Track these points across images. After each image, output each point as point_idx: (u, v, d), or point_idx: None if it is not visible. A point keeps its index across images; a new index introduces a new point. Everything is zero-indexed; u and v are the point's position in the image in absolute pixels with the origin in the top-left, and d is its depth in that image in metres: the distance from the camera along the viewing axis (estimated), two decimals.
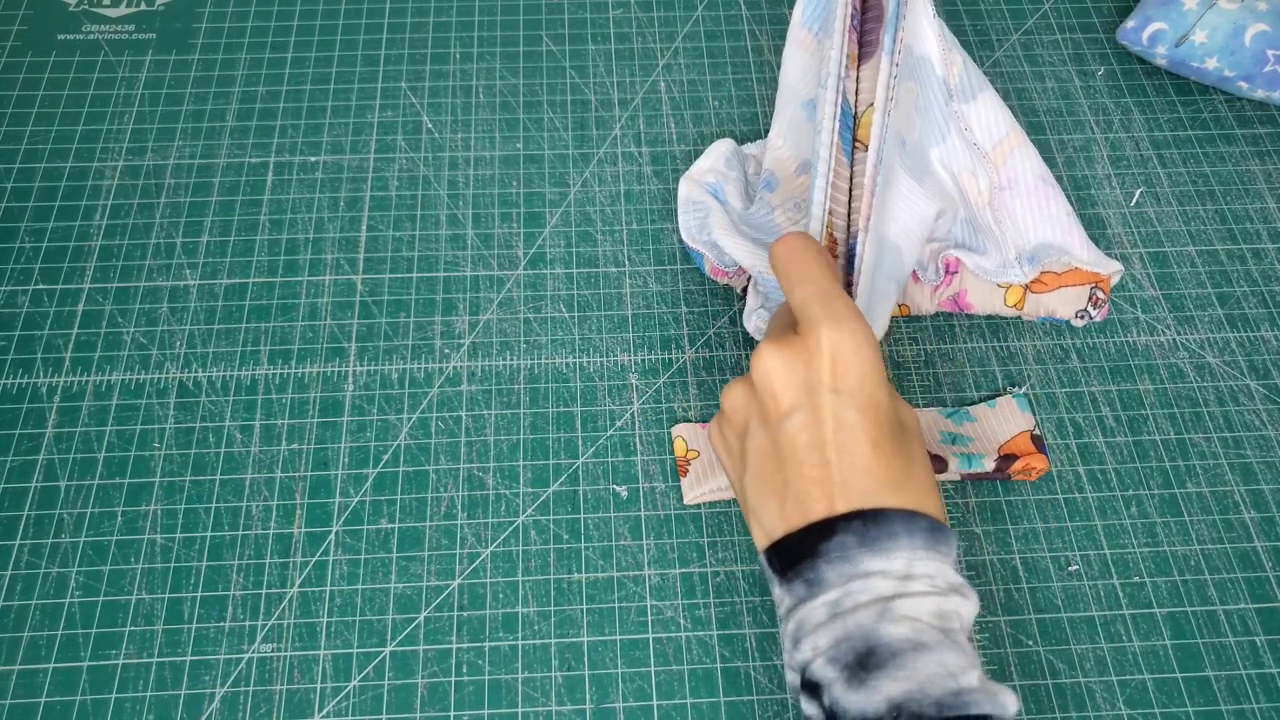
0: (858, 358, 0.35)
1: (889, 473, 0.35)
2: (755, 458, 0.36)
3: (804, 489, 0.35)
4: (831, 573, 0.33)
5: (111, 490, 0.46)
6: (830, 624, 0.33)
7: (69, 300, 0.51)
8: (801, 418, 0.35)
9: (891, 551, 0.33)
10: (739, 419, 0.38)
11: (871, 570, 0.33)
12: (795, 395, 0.35)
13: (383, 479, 0.47)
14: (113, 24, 0.62)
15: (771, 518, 0.36)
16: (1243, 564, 0.45)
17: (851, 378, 0.35)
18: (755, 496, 0.36)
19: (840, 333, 0.35)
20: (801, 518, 0.34)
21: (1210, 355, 0.51)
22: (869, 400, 0.35)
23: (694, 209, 0.52)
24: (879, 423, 0.35)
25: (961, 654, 0.32)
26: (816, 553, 0.34)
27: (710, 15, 0.64)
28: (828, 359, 0.35)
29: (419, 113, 0.59)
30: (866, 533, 0.33)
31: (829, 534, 0.34)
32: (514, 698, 0.42)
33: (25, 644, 0.43)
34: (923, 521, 0.34)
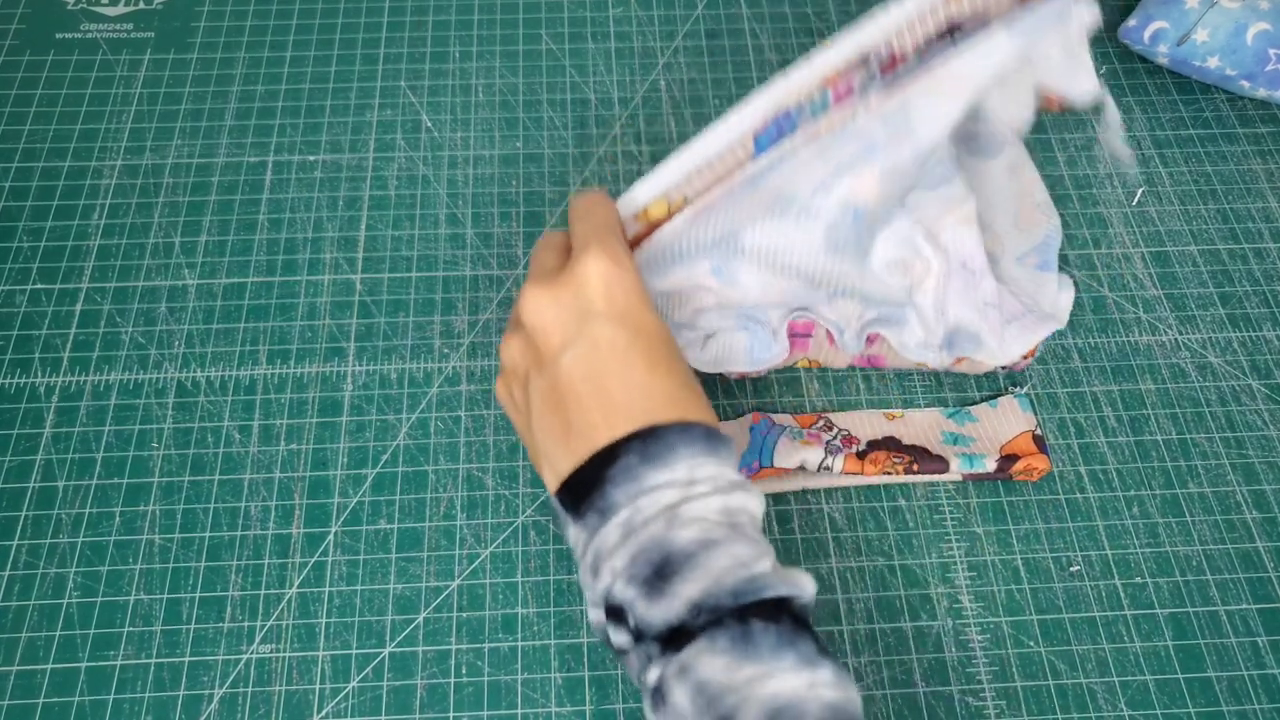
0: (623, 283, 0.37)
1: (665, 389, 0.36)
2: (538, 402, 0.37)
3: (587, 420, 0.35)
4: (620, 495, 0.34)
5: (110, 490, 0.46)
6: (624, 543, 0.34)
7: (67, 300, 0.51)
8: (576, 349, 0.36)
9: (672, 463, 0.34)
10: (520, 369, 0.38)
11: (657, 483, 0.34)
12: (567, 328, 0.36)
13: (382, 479, 0.47)
14: (111, 23, 0.62)
15: (560, 457, 0.36)
16: (1245, 564, 0.45)
17: (620, 300, 0.36)
18: (544, 440, 0.37)
19: (608, 259, 0.36)
20: (587, 447, 0.35)
21: (1212, 355, 0.51)
22: (639, 320, 0.37)
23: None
24: (651, 343, 0.36)
25: (752, 544, 0.34)
26: (604, 479, 0.34)
27: (710, 14, 0.64)
28: (600, 284, 0.36)
29: (418, 112, 0.59)
30: (647, 450, 0.34)
31: (613, 459, 0.34)
32: (513, 699, 0.42)
33: (23, 644, 0.42)
34: (698, 430, 0.35)
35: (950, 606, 0.44)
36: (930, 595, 0.44)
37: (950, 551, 0.45)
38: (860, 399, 0.49)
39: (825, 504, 0.46)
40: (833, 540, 0.45)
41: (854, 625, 0.43)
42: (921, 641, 0.43)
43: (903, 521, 0.46)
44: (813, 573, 0.45)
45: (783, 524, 0.46)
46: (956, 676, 0.42)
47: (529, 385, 0.38)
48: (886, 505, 0.46)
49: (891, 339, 0.47)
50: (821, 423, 0.47)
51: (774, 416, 0.47)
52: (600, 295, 0.36)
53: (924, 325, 0.46)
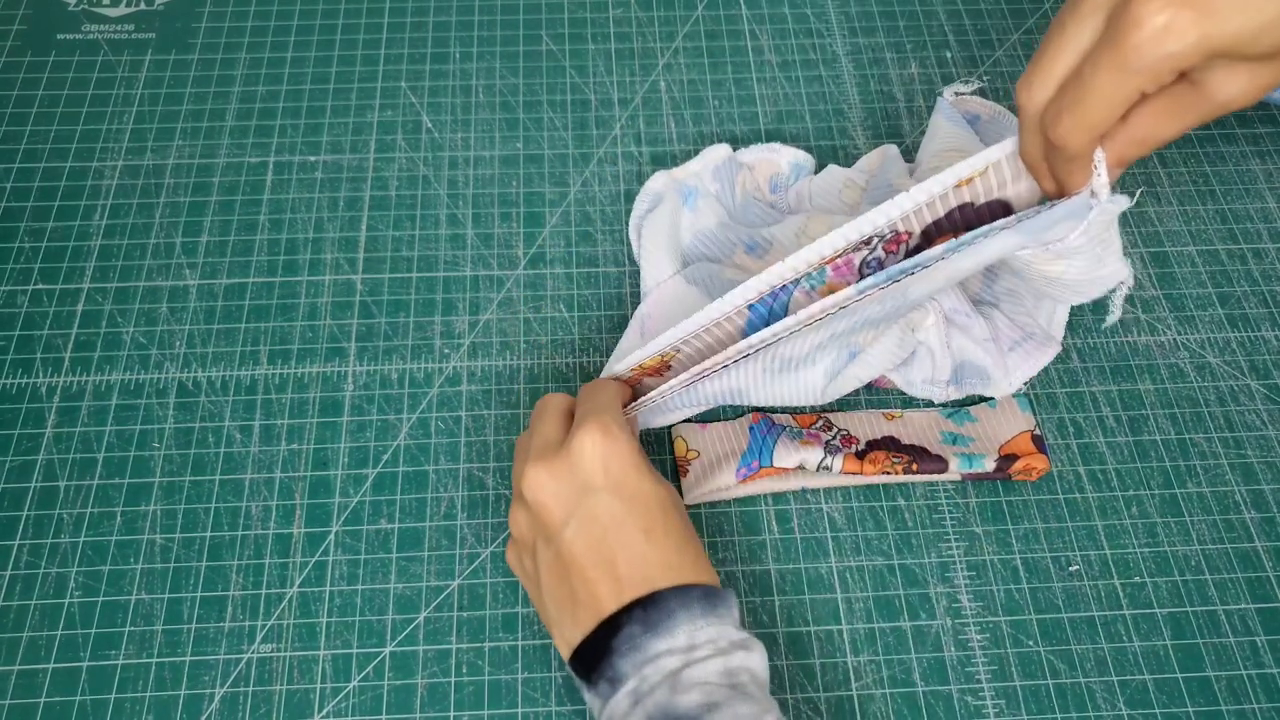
0: (619, 455, 0.38)
1: (662, 555, 0.37)
2: (546, 574, 0.38)
3: (591, 592, 0.37)
4: (626, 665, 0.35)
5: (111, 490, 0.46)
6: (633, 711, 0.34)
7: (68, 300, 0.51)
8: (577, 523, 0.37)
9: (673, 629, 0.35)
10: (527, 541, 0.40)
11: (659, 651, 0.35)
12: (567, 502, 0.38)
13: (382, 479, 0.47)
14: (112, 24, 0.62)
15: (568, 627, 0.37)
16: (1243, 564, 0.45)
17: (615, 471, 0.38)
18: (553, 609, 0.38)
19: (601, 434, 0.38)
20: (593, 619, 0.36)
21: (1211, 355, 0.51)
22: (635, 490, 0.38)
23: (650, 198, 0.53)
24: (647, 510, 0.38)
25: (753, 703, 0.34)
26: (610, 649, 0.36)
27: (710, 15, 0.64)
28: (594, 458, 0.38)
29: (419, 112, 0.59)
30: (648, 618, 0.35)
31: (616, 629, 0.36)
32: (514, 698, 0.42)
33: (25, 644, 0.42)
34: (695, 592, 0.36)
35: (949, 606, 0.44)
36: (929, 595, 0.44)
37: (949, 551, 0.45)
38: (860, 399, 0.49)
39: (825, 504, 0.46)
40: (832, 540, 0.46)
41: (853, 624, 0.44)
42: (921, 641, 0.43)
43: (902, 521, 0.46)
44: (812, 572, 0.45)
45: (783, 524, 0.46)
46: (955, 676, 0.42)
47: (536, 556, 0.39)
48: (886, 505, 0.46)
49: (897, 379, 0.48)
50: (821, 423, 0.48)
51: (773, 416, 0.48)
52: (597, 469, 0.38)
53: (931, 361, 0.47)
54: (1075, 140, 0.34)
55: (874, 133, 0.58)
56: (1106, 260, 0.39)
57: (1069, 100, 0.33)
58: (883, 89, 0.60)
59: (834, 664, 0.43)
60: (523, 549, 0.40)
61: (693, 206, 0.52)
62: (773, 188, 0.54)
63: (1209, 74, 0.32)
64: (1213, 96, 0.32)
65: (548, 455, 0.39)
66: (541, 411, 0.42)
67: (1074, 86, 0.33)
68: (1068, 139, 0.34)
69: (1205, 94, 0.33)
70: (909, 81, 0.61)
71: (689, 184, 0.53)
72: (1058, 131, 0.34)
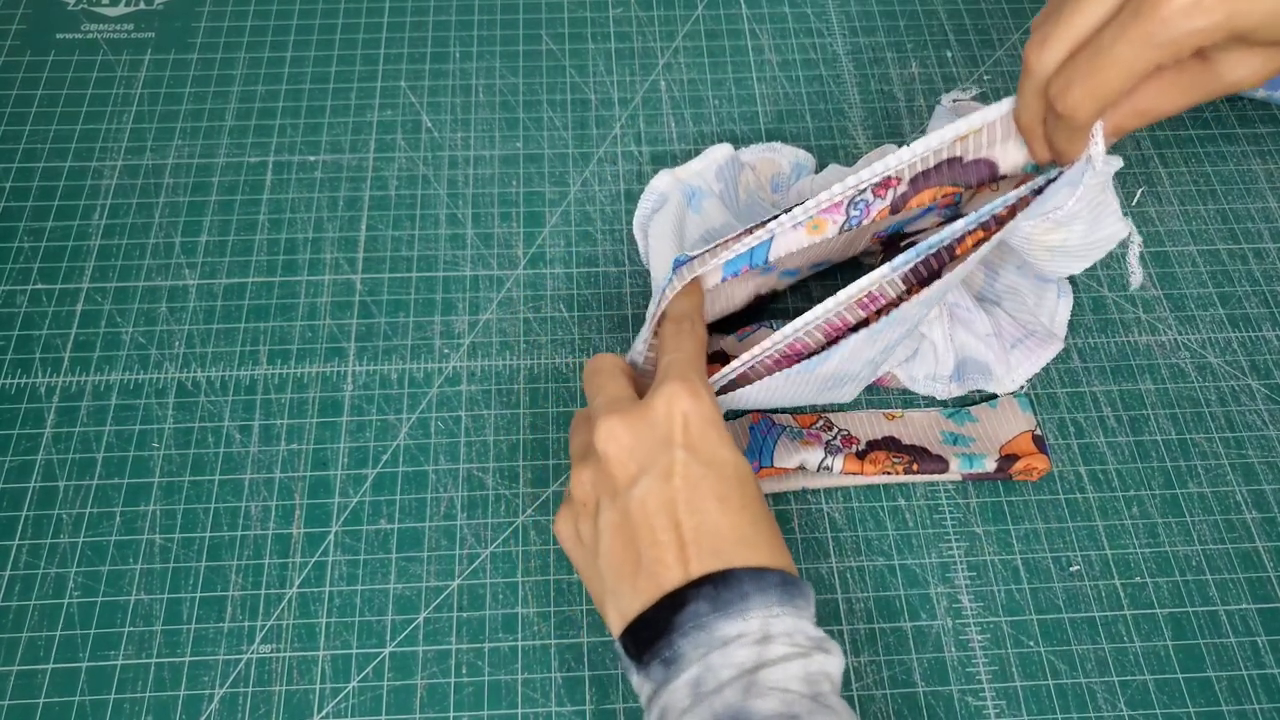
0: (701, 416, 0.36)
1: (736, 529, 0.35)
2: (607, 537, 0.36)
3: (657, 556, 0.34)
4: (688, 646, 0.32)
5: (110, 490, 0.46)
6: (696, 708, 0.31)
7: (67, 300, 0.51)
8: (649, 479, 0.35)
9: (746, 613, 0.33)
10: (590, 501, 0.37)
11: (728, 636, 0.32)
12: (644, 457, 0.36)
13: (382, 479, 0.47)
14: (111, 23, 0.62)
15: (626, 597, 0.35)
16: (1244, 564, 0.45)
17: (696, 432, 0.36)
18: (611, 577, 0.36)
19: (688, 393, 0.36)
20: (656, 589, 0.34)
21: (1212, 355, 0.51)
22: (713, 454, 0.36)
23: (655, 197, 0.52)
24: (724, 477, 0.35)
25: (835, 717, 0.32)
26: (671, 627, 0.33)
27: (710, 15, 0.64)
28: (677, 415, 0.36)
29: (419, 112, 0.59)
30: (718, 596, 0.33)
31: (681, 604, 0.33)
32: (514, 698, 0.42)
33: (24, 644, 0.42)
34: (773, 577, 0.34)
35: (950, 606, 0.44)
36: (930, 595, 0.44)
37: (950, 551, 0.45)
38: (860, 399, 0.49)
39: (825, 504, 0.46)
40: (832, 540, 0.45)
41: (854, 625, 0.43)
42: (921, 641, 0.43)
43: (902, 521, 0.46)
44: (813, 573, 0.45)
45: (783, 524, 0.46)
46: (956, 676, 0.42)
47: (599, 517, 0.36)
48: (886, 505, 0.46)
49: (900, 374, 0.48)
50: (821, 423, 0.48)
51: (774, 416, 0.47)
52: (677, 426, 0.36)
53: (935, 356, 0.47)
54: (1085, 110, 0.34)
55: (874, 132, 0.58)
56: (1104, 221, 0.39)
57: (1083, 69, 0.33)
58: (883, 89, 0.60)
59: None
60: (582, 511, 0.37)
61: (698, 208, 0.52)
62: (774, 187, 0.54)
63: (1224, 53, 0.32)
64: (1223, 76, 0.32)
65: (623, 408, 0.36)
66: (597, 372, 0.40)
67: (1090, 55, 0.33)
68: (1077, 109, 0.34)
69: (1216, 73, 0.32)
70: (909, 81, 0.60)
71: (692, 184, 0.53)
72: (1067, 101, 0.34)
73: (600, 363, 0.41)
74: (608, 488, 0.36)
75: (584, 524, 0.37)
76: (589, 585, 0.38)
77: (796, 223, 0.41)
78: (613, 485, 0.36)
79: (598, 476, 0.37)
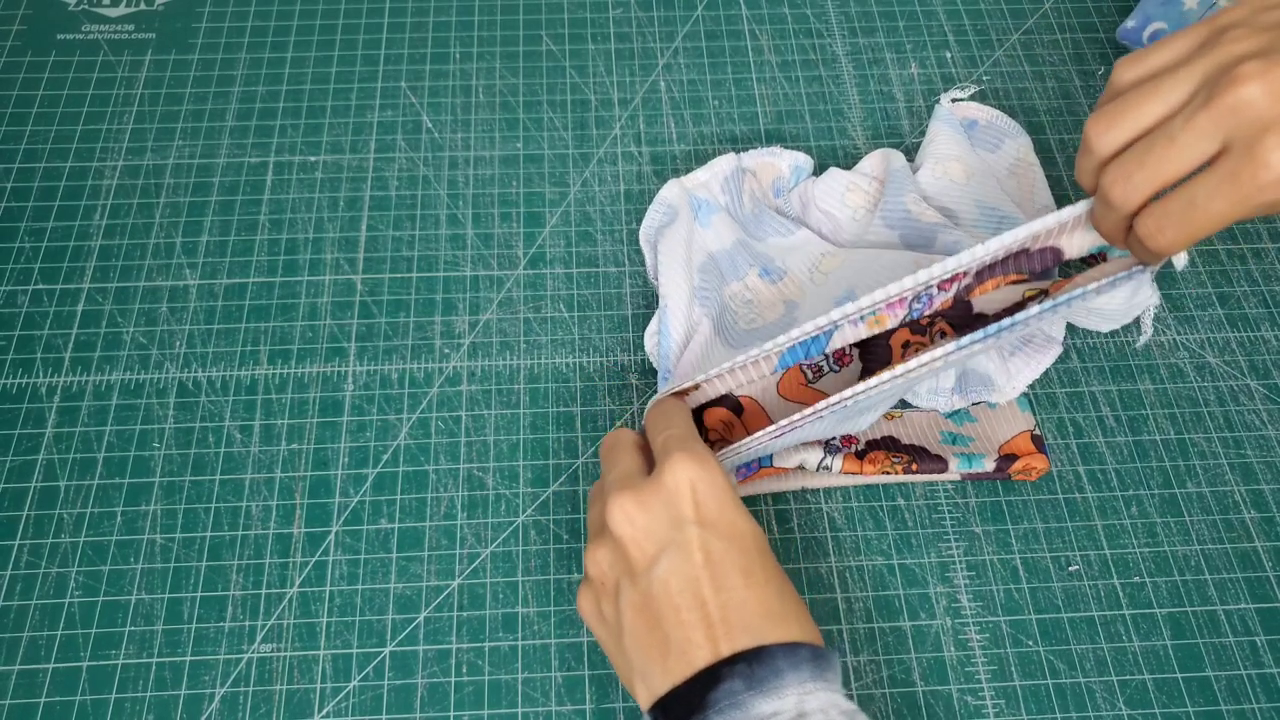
0: (713, 486, 0.35)
1: (763, 603, 0.34)
2: (630, 617, 0.35)
3: (685, 636, 0.33)
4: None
5: (111, 490, 0.46)
6: None
7: (68, 300, 0.51)
8: (669, 560, 0.34)
9: (781, 690, 0.32)
10: (609, 581, 0.36)
11: (764, 714, 0.32)
12: (660, 537, 0.35)
13: (382, 479, 0.47)
14: (112, 24, 0.62)
15: (656, 677, 0.34)
16: (1243, 564, 0.45)
17: (711, 506, 0.35)
18: (639, 658, 0.35)
19: (695, 463, 0.35)
20: (687, 667, 0.33)
21: (1210, 355, 0.51)
22: (731, 528, 0.35)
23: (664, 209, 0.52)
24: (745, 550, 0.35)
25: None
26: (705, 704, 0.32)
27: (710, 15, 0.64)
28: (687, 491, 0.35)
29: (419, 112, 0.59)
30: (753, 674, 0.32)
31: (715, 682, 0.32)
32: (514, 698, 0.42)
33: (25, 644, 0.42)
34: (804, 651, 0.33)
35: (949, 606, 0.44)
36: (929, 594, 0.44)
37: (949, 551, 0.45)
38: None
39: (824, 503, 0.46)
40: (832, 539, 0.46)
41: (853, 624, 0.44)
42: (920, 640, 0.43)
43: (902, 521, 0.46)
44: (812, 572, 0.45)
45: (782, 523, 0.46)
46: (955, 675, 0.42)
47: (619, 598, 0.35)
48: (885, 505, 0.46)
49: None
50: None
51: None
52: (689, 501, 0.35)
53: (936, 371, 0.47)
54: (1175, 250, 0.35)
55: (874, 133, 0.58)
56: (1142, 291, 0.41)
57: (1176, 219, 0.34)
58: (883, 89, 0.60)
59: None
60: (601, 593, 0.37)
61: (706, 222, 0.52)
62: (776, 192, 0.54)
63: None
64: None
65: (634, 484, 0.36)
66: (613, 447, 0.40)
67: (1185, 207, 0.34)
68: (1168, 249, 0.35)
69: None
70: (909, 81, 0.61)
71: (698, 195, 0.53)
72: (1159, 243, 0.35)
73: (616, 437, 0.40)
74: (625, 569, 0.36)
75: (605, 603, 0.37)
76: (614, 662, 0.37)
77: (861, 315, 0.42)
78: (631, 566, 0.35)
79: (614, 557, 0.36)
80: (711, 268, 0.51)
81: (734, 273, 0.51)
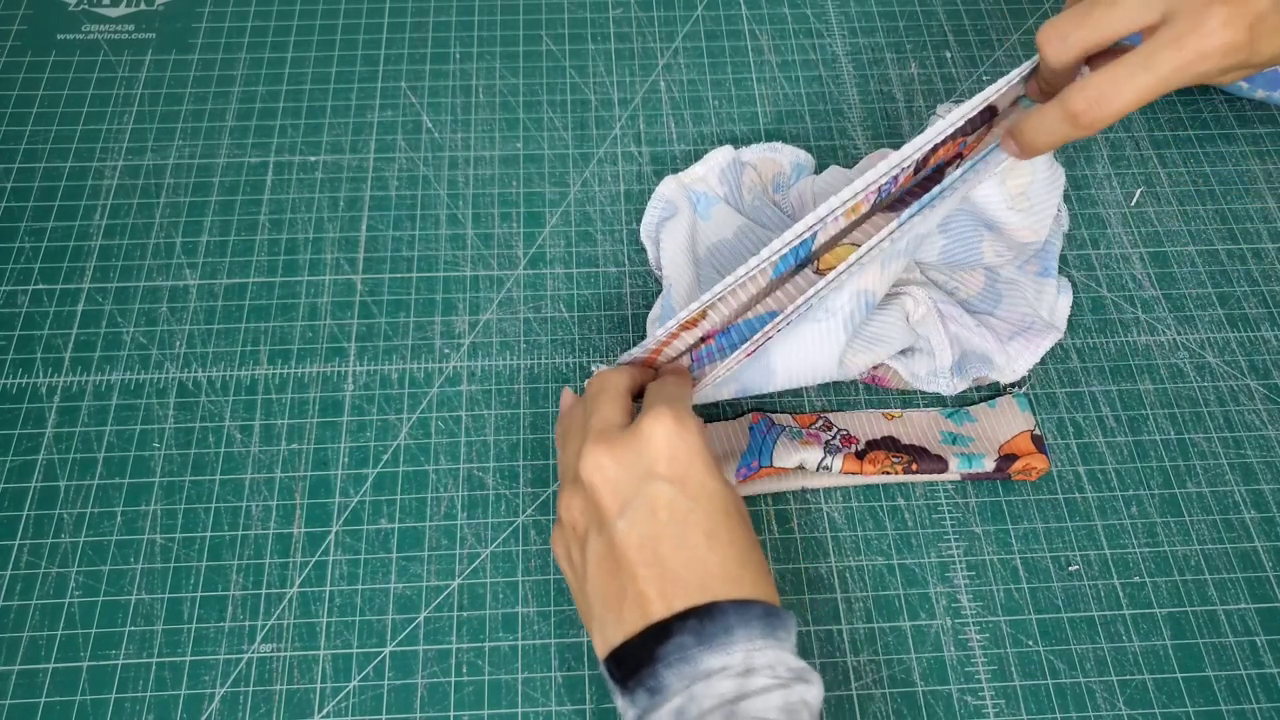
0: (687, 445, 0.36)
1: (723, 563, 0.35)
2: (594, 565, 0.36)
3: (640, 590, 0.34)
4: (672, 677, 0.33)
5: (111, 490, 0.46)
6: None
7: (68, 300, 0.51)
8: (634, 513, 0.35)
9: (729, 646, 0.33)
10: (580, 527, 0.37)
11: (712, 669, 0.33)
12: (626, 489, 0.35)
13: (382, 479, 0.47)
14: (112, 24, 0.62)
15: (611, 625, 0.35)
16: (1243, 564, 0.45)
17: (682, 462, 0.36)
18: (598, 605, 0.36)
19: (674, 421, 0.36)
20: (640, 619, 0.34)
21: (1210, 355, 0.51)
22: (700, 488, 0.36)
23: (663, 206, 0.53)
24: (712, 511, 0.35)
25: None
26: (655, 657, 0.33)
27: (710, 15, 0.64)
28: (663, 446, 0.36)
29: (419, 112, 0.59)
30: (703, 630, 0.33)
31: (665, 636, 0.33)
32: (514, 698, 0.42)
33: (25, 644, 0.42)
34: (756, 609, 0.34)
35: (949, 606, 0.44)
36: (929, 594, 0.44)
37: (949, 551, 0.45)
38: (859, 399, 0.49)
39: (824, 503, 0.46)
40: (832, 539, 0.46)
41: (853, 624, 0.44)
42: (920, 640, 0.43)
43: (901, 521, 0.46)
44: (812, 572, 0.45)
45: (782, 523, 0.46)
46: (955, 675, 0.42)
47: (586, 546, 0.36)
48: (885, 505, 0.46)
49: (902, 370, 0.48)
50: (820, 422, 0.48)
51: (773, 416, 0.48)
52: (662, 457, 0.35)
53: (932, 352, 0.47)
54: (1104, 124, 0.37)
55: (874, 133, 0.58)
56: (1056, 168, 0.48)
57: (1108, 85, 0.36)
58: (883, 89, 0.60)
59: (834, 664, 0.43)
60: (572, 537, 0.38)
61: (706, 215, 0.52)
62: (775, 187, 0.54)
63: None
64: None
65: (609, 437, 0.36)
66: (600, 390, 0.40)
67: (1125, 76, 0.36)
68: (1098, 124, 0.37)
69: None
70: (909, 81, 0.61)
71: (696, 189, 0.53)
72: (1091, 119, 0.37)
73: (605, 381, 0.40)
74: (595, 518, 0.36)
75: (574, 548, 0.38)
76: (579, 606, 0.38)
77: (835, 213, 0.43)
78: (600, 516, 0.36)
79: (586, 505, 0.37)
80: (715, 257, 0.51)
81: (738, 263, 0.51)
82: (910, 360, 0.48)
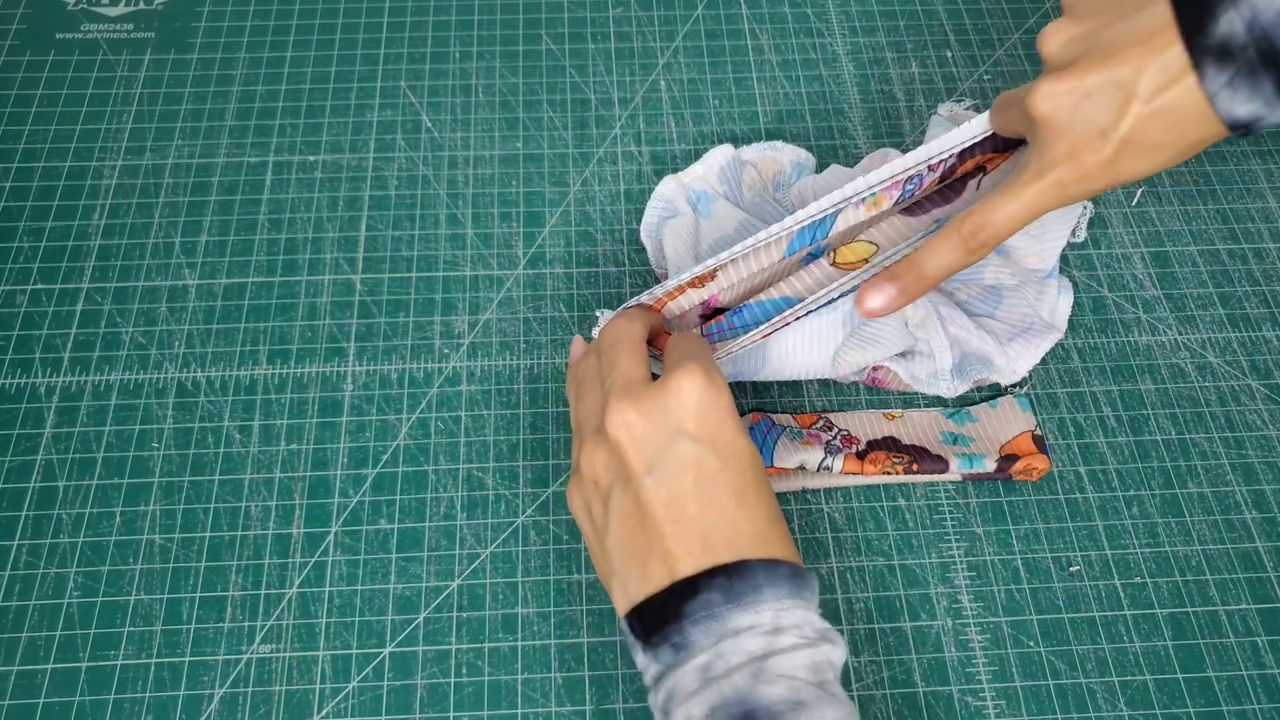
0: (717, 405, 0.36)
1: (752, 522, 0.35)
2: (618, 521, 0.35)
3: (667, 547, 0.34)
4: (699, 634, 0.33)
5: (110, 490, 0.46)
6: (704, 690, 0.32)
7: (67, 300, 0.51)
8: (663, 470, 0.35)
9: (758, 605, 0.33)
10: (603, 482, 0.36)
11: (740, 627, 0.32)
12: (653, 446, 0.35)
13: (382, 479, 0.47)
14: (111, 23, 0.62)
15: (635, 581, 0.35)
16: (1244, 564, 0.45)
17: (713, 421, 0.35)
18: (620, 560, 0.35)
19: (704, 378, 0.36)
20: (667, 576, 0.34)
21: (1212, 355, 0.51)
22: (730, 447, 0.35)
23: (663, 206, 0.53)
24: (741, 470, 0.35)
25: (839, 705, 0.32)
26: (681, 614, 0.33)
27: (710, 15, 0.64)
28: (693, 404, 0.35)
29: (419, 112, 0.59)
30: (731, 588, 0.33)
31: (693, 593, 0.33)
32: (513, 699, 0.42)
33: (24, 644, 0.42)
34: (784, 569, 0.34)
35: (950, 606, 0.44)
36: (930, 595, 0.44)
37: (950, 551, 0.45)
38: (860, 399, 0.49)
39: (825, 504, 0.46)
40: (832, 540, 0.45)
41: (854, 625, 0.43)
42: (921, 641, 0.43)
43: (902, 521, 0.46)
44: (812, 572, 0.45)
45: None
46: (956, 676, 0.42)
47: (609, 501, 0.36)
48: (886, 505, 0.46)
49: (902, 373, 0.48)
50: (821, 423, 0.48)
51: (774, 416, 0.47)
52: (691, 415, 0.35)
53: (933, 354, 0.47)
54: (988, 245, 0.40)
55: (874, 133, 0.58)
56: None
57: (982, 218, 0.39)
58: (883, 89, 0.60)
59: None
60: (593, 492, 0.37)
61: (707, 213, 0.52)
62: (776, 186, 0.54)
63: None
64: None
65: (635, 391, 0.36)
66: (615, 341, 0.39)
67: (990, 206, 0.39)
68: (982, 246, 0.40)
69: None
70: (909, 81, 0.60)
71: (696, 188, 0.53)
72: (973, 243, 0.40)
73: (619, 332, 0.40)
74: (620, 474, 0.36)
75: (595, 503, 0.37)
76: (595, 561, 0.38)
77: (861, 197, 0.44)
78: (626, 472, 0.35)
79: (611, 459, 0.36)
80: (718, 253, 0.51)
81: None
82: (910, 362, 0.48)
